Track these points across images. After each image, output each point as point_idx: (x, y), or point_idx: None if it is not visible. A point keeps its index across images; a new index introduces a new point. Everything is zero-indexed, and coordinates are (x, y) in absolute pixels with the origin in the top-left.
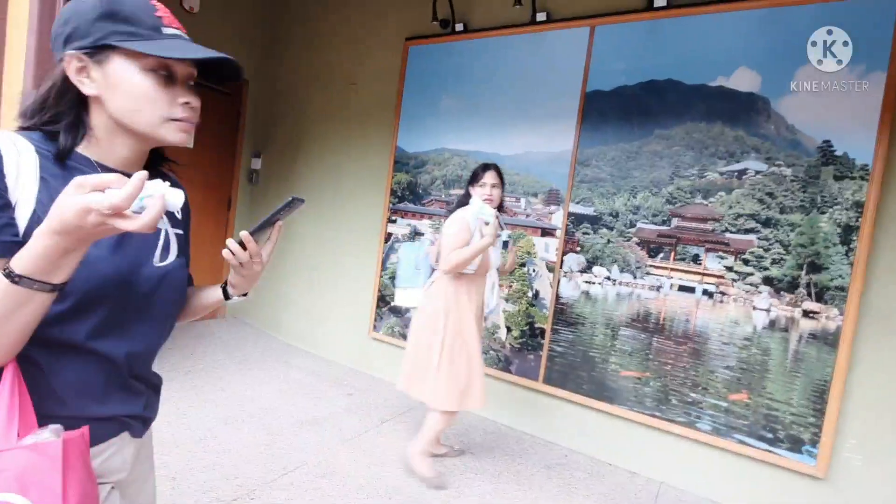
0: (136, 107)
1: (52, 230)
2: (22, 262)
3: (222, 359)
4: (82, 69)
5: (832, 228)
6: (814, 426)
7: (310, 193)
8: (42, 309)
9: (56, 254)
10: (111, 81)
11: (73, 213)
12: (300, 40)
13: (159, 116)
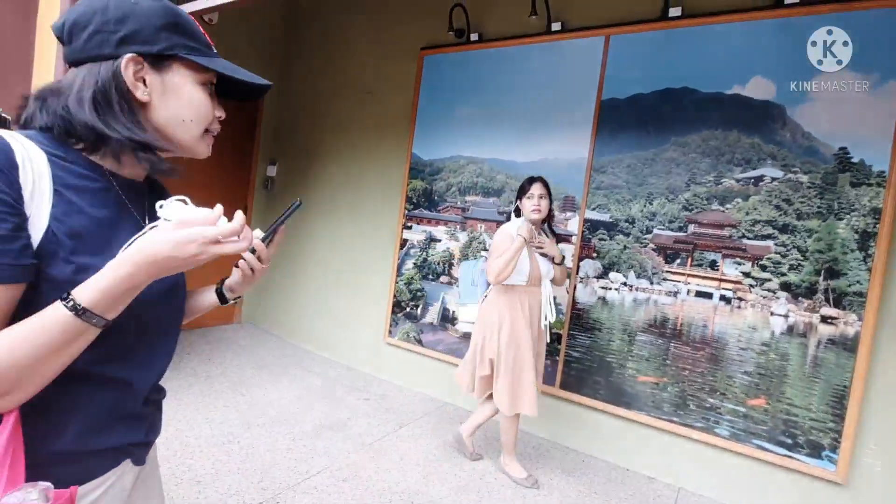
0: (189, 117)
1: (133, 262)
2: (88, 294)
3: (240, 364)
4: (139, 73)
5: (849, 234)
6: (833, 431)
7: (325, 200)
8: (86, 345)
9: (128, 287)
10: (168, 90)
11: (172, 245)
12: (316, 49)
13: (202, 129)
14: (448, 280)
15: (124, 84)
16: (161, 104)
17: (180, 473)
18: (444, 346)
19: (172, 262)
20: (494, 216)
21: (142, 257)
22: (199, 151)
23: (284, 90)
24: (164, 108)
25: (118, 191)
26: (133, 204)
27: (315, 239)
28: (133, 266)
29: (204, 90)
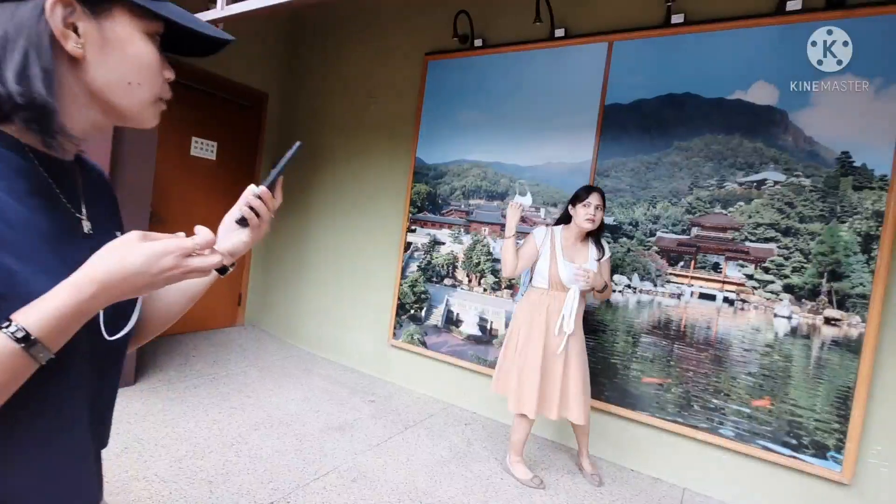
0: (137, 79)
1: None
2: (35, 321)
3: (245, 367)
4: (69, 18)
5: (852, 237)
6: (838, 432)
7: (329, 203)
8: (15, 388)
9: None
10: (110, 43)
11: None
12: (320, 55)
13: (154, 94)
14: (452, 282)
15: (49, 33)
16: (99, 61)
17: (192, 473)
18: (448, 348)
19: (140, 279)
20: (498, 219)
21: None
22: (147, 121)
23: (288, 93)
24: (104, 67)
25: (43, 173)
26: (63, 190)
27: (319, 241)
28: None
29: (153, 44)
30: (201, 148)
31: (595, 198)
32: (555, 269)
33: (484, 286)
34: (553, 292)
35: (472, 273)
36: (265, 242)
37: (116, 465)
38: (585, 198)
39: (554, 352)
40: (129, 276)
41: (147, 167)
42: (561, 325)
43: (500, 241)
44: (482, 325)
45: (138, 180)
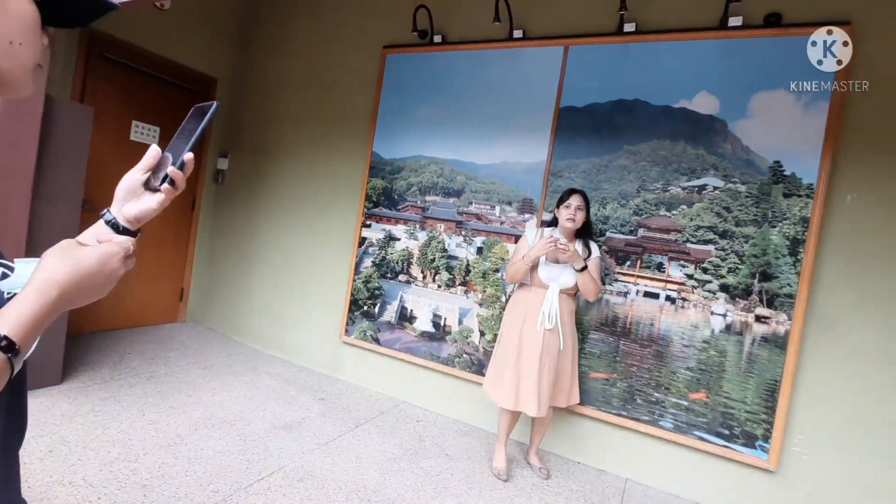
0: (18, 38)
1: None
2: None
3: (186, 364)
4: None
5: (781, 241)
6: (766, 422)
7: (280, 195)
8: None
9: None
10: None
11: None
12: (274, 41)
13: (35, 57)
14: (407, 279)
15: None
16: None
17: (123, 477)
18: (401, 344)
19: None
20: (454, 216)
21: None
22: (26, 87)
23: (239, 79)
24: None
25: None
26: None
27: (268, 234)
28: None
29: (31, 1)
30: (142, 132)
31: (575, 199)
32: (537, 271)
33: (438, 283)
34: (535, 290)
35: (427, 270)
36: (210, 235)
37: (40, 468)
38: (566, 199)
39: (535, 347)
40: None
41: (80, 151)
42: (542, 321)
43: (455, 238)
44: (436, 321)
45: (70, 165)
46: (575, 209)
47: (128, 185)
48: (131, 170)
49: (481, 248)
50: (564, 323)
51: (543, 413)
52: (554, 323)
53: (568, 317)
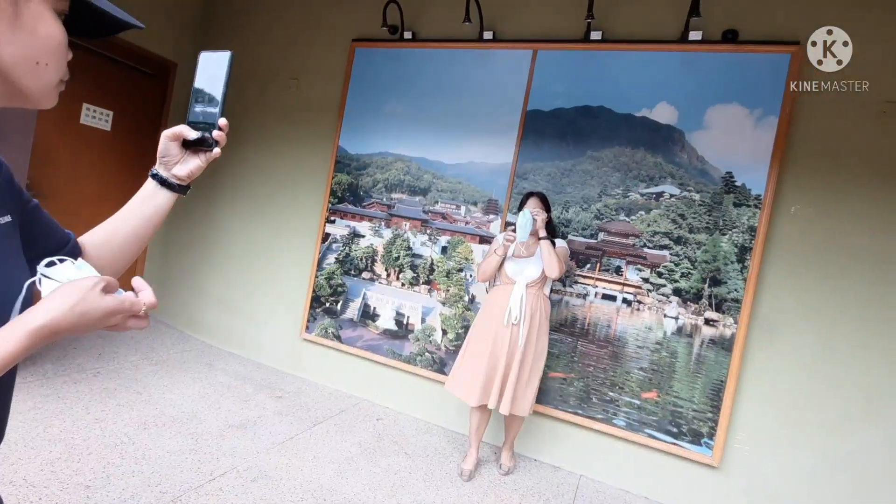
0: (46, 59)
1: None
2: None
3: (136, 360)
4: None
5: (731, 248)
6: (711, 421)
7: (241, 187)
8: None
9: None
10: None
11: (102, 314)
12: (238, 28)
13: (59, 76)
14: (370, 276)
15: None
16: (9, 39)
17: (65, 478)
18: (363, 342)
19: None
20: (420, 214)
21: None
22: (48, 103)
23: None
24: (15, 45)
25: None
26: None
27: (226, 226)
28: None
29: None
30: (94, 116)
31: (532, 203)
32: (503, 267)
33: (402, 281)
34: (504, 287)
35: (391, 268)
36: (165, 225)
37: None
38: (523, 205)
39: (502, 343)
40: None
41: (23, 135)
42: (508, 316)
43: (420, 237)
44: (399, 319)
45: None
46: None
47: (169, 141)
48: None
49: (446, 247)
50: (532, 324)
51: (507, 410)
52: (518, 318)
53: (539, 319)
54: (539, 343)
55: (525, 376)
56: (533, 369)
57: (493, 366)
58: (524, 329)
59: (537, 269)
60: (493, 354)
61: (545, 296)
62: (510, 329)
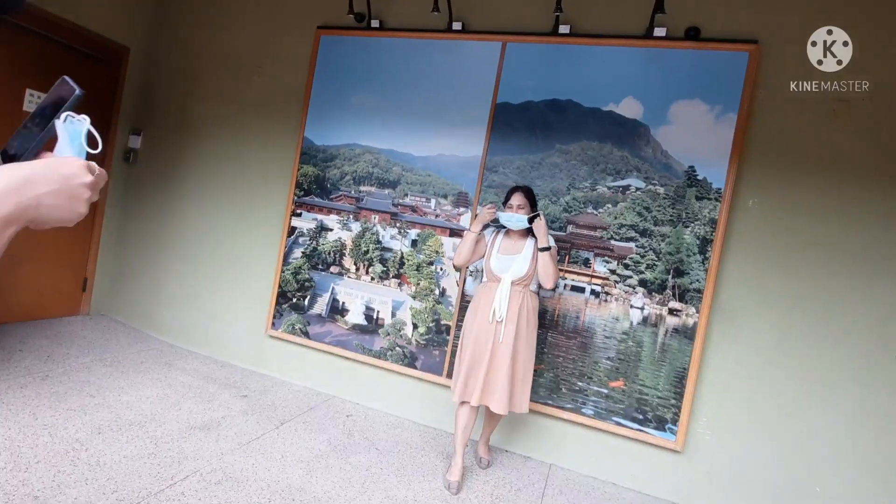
0: None
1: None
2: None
3: (88, 362)
4: None
5: (693, 240)
6: (675, 407)
7: (200, 178)
8: None
9: None
10: None
11: (77, 167)
12: (198, 12)
13: None
14: (339, 270)
15: None
16: None
17: (11, 489)
18: (332, 338)
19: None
20: (389, 207)
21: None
22: None
23: (156, 51)
24: None
25: None
26: None
27: (186, 220)
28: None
29: None
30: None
31: (516, 198)
32: (488, 262)
33: (372, 275)
34: (491, 284)
35: (361, 261)
36: (119, 219)
37: None
38: (509, 199)
39: (487, 339)
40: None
41: None
42: (492, 313)
43: (390, 230)
44: (368, 314)
45: None
46: (517, 208)
47: None
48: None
49: (416, 240)
50: (521, 320)
51: (504, 409)
52: (502, 316)
53: (526, 315)
54: (529, 338)
55: (520, 374)
56: (527, 365)
57: (475, 363)
58: (511, 326)
59: (523, 267)
60: (475, 352)
61: (532, 292)
62: (494, 326)
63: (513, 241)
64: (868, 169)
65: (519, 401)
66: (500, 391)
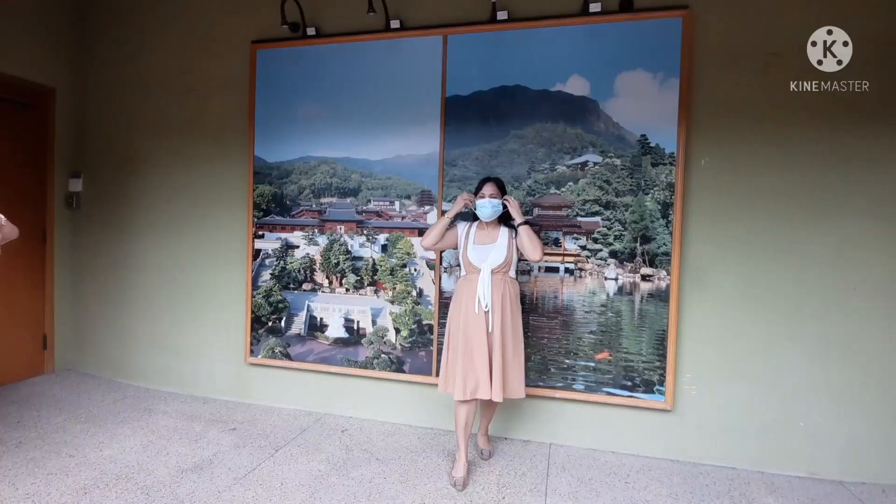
0: None
1: None
2: None
3: (62, 421)
4: None
5: (654, 206)
6: (660, 369)
7: (153, 214)
8: None
9: None
10: None
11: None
12: (121, 42)
13: None
14: (312, 287)
15: None
16: None
17: None
18: (314, 356)
19: None
20: (353, 216)
21: None
22: None
23: (84, 88)
24: None
25: None
26: None
27: (142, 259)
28: None
29: None
30: None
31: (488, 188)
32: (465, 254)
33: (346, 286)
34: (471, 276)
35: (332, 274)
36: (71, 269)
37: None
38: (480, 189)
39: (477, 331)
40: None
41: None
42: (478, 302)
43: (358, 238)
44: (349, 326)
45: None
46: (489, 196)
47: None
48: None
49: (386, 245)
50: (505, 307)
51: (499, 396)
52: (488, 305)
53: (510, 302)
54: (515, 324)
55: (510, 359)
56: (516, 351)
57: (469, 357)
58: (497, 316)
59: (501, 255)
60: (468, 347)
61: (511, 278)
62: (482, 316)
63: (486, 232)
64: (806, 115)
65: (515, 387)
66: (497, 380)
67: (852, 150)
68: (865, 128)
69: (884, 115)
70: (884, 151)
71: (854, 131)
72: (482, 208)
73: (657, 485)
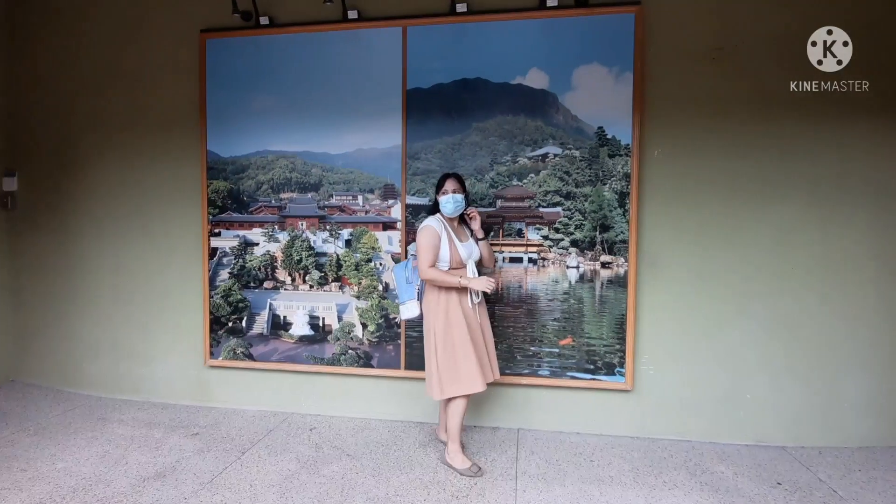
0: None
1: None
2: None
3: (9, 435)
4: None
5: (612, 196)
6: (620, 352)
7: (97, 213)
8: None
9: None
10: None
11: None
12: (55, 33)
13: None
14: (273, 285)
15: None
16: None
17: None
18: (279, 354)
19: None
20: (315, 211)
21: None
22: None
23: (14, 82)
24: None
25: None
26: None
27: (87, 261)
28: None
29: None
30: None
31: (450, 183)
32: (455, 251)
33: (310, 283)
34: (458, 272)
35: (295, 271)
36: (9, 274)
37: None
38: (443, 185)
39: (473, 324)
40: None
41: None
42: (471, 296)
43: (320, 234)
44: (314, 323)
45: None
46: (452, 191)
47: None
48: None
49: (349, 240)
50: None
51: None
52: (480, 295)
53: None
54: (486, 311)
55: (491, 343)
56: (491, 335)
57: (480, 347)
58: (484, 306)
59: (475, 249)
60: (475, 339)
61: None
62: (475, 308)
63: (456, 228)
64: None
65: (496, 368)
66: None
67: (788, 140)
68: (801, 122)
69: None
70: (818, 143)
71: (785, 125)
72: (445, 204)
73: (620, 461)
